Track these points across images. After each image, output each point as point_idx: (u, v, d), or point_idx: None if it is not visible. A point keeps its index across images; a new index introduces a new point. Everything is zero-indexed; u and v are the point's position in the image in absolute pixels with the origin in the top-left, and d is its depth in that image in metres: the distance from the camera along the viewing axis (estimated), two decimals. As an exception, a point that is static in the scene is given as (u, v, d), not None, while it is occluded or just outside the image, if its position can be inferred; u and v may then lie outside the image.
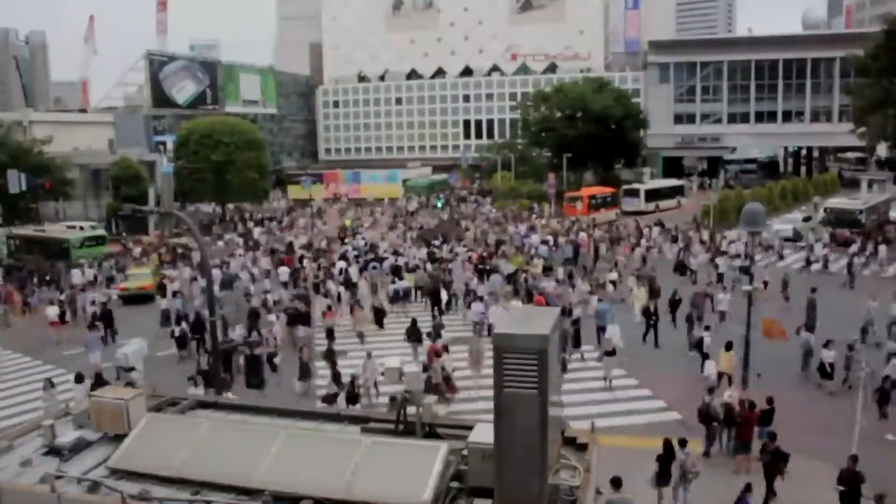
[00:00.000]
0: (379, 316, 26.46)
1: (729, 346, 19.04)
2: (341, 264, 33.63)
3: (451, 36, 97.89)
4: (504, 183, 66.62)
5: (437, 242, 40.34)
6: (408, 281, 30.37)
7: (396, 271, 32.19)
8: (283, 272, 33.39)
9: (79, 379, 18.42)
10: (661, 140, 78.38)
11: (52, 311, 27.34)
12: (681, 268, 33.54)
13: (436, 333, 22.18)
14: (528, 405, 5.77)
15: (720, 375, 18.88)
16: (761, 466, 13.90)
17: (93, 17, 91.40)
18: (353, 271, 32.38)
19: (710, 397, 16.16)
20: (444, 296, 28.31)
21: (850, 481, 12.48)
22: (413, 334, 22.43)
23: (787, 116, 78.96)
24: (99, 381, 17.25)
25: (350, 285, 29.52)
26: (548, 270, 31.65)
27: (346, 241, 43.59)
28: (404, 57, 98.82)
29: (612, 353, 20.67)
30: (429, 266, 33.28)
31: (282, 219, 59.40)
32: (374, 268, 32.55)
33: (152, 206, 50.69)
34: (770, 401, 15.91)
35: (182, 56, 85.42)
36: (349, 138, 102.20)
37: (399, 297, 29.14)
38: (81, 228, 46.58)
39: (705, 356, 19.74)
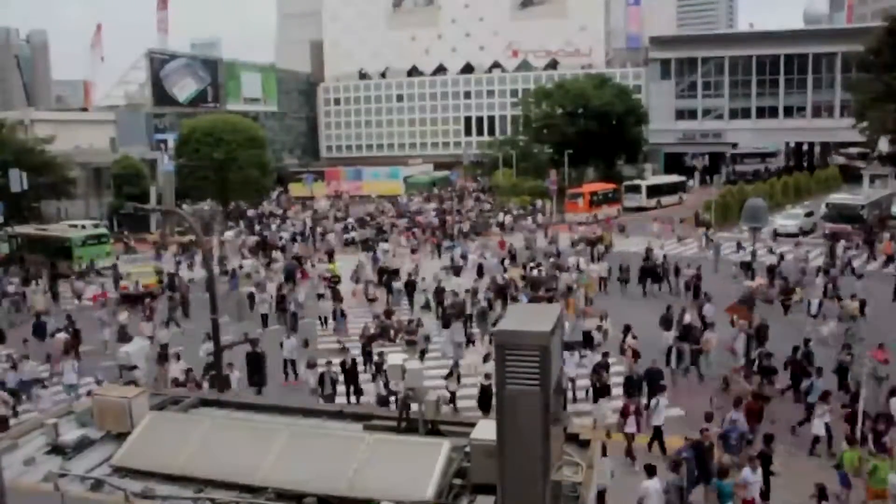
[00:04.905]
0: None
1: None
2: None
3: (452, 33, 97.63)
4: (506, 180, 66.57)
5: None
6: None
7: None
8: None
9: None
10: (663, 136, 78.16)
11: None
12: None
13: None
14: (531, 402, 5.77)
15: None
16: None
17: (100, 25, 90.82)
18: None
19: None
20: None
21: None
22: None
23: (789, 112, 78.64)
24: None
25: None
26: None
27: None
28: (405, 54, 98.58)
29: None
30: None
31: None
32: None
33: (154, 204, 50.66)
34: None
35: (183, 54, 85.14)
36: (350, 136, 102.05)
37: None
38: (83, 227, 46.52)
39: None
